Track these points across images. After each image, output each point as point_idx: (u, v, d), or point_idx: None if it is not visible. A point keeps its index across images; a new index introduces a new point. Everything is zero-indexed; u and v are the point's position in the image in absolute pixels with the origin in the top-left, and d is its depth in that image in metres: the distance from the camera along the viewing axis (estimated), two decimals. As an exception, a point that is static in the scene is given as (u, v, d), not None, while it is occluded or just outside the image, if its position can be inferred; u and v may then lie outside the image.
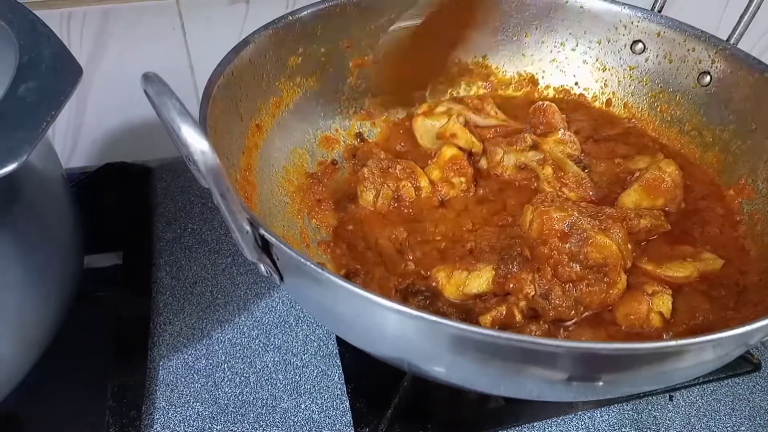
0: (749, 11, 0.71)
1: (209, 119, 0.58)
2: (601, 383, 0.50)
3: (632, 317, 0.59)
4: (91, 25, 0.86)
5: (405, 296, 0.64)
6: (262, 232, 0.48)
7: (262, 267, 0.51)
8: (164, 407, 0.68)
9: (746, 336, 0.46)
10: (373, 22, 0.80)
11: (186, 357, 0.72)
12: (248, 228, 0.47)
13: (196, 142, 0.40)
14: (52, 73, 0.52)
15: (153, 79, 0.41)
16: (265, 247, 0.50)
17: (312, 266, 0.46)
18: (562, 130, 0.77)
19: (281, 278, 0.52)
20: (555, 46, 0.85)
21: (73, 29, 0.86)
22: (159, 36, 0.90)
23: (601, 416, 0.69)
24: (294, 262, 0.48)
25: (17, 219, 0.54)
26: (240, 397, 0.69)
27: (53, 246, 0.60)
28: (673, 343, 0.43)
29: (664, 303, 0.59)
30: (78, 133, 0.97)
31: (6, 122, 0.46)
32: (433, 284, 0.65)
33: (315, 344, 0.74)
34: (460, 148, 0.76)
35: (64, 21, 0.85)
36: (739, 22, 0.72)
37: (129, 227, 0.85)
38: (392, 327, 0.48)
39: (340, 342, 0.74)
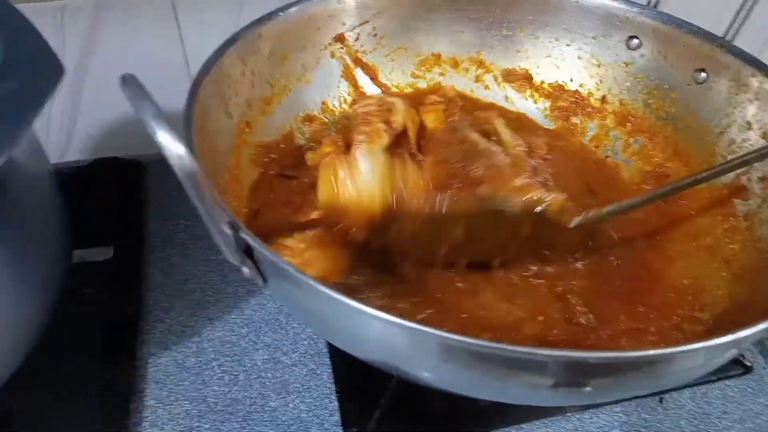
0: (745, 6, 0.70)
1: (195, 119, 0.58)
2: (588, 389, 0.49)
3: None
4: (85, 18, 0.85)
5: None
6: (243, 235, 0.47)
7: (245, 269, 0.51)
8: (153, 405, 0.67)
9: (737, 342, 0.46)
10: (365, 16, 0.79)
11: (175, 355, 0.72)
12: (229, 231, 0.46)
13: (173, 147, 0.40)
14: (33, 72, 0.51)
15: (129, 81, 0.41)
16: (247, 250, 0.49)
17: (293, 271, 0.45)
18: None
19: (264, 281, 0.52)
20: (550, 42, 0.84)
21: (67, 23, 0.85)
22: (153, 29, 0.89)
23: (590, 419, 0.68)
24: (275, 266, 0.47)
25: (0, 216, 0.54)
26: (229, 396, 0.69)
27: (39, 243, 0.60)
28: (661, 351, 0.44)
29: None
30: (73, 127, 0.97)
31: (-17, 124, 0.45)
32: None
33: (305, 343, 0.74)
34: None
35: (57, 14, 0.84)
36: (735, 17, 0.71)
37: (120, 223, 0.85)
38: (375, 333, 0.47)
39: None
